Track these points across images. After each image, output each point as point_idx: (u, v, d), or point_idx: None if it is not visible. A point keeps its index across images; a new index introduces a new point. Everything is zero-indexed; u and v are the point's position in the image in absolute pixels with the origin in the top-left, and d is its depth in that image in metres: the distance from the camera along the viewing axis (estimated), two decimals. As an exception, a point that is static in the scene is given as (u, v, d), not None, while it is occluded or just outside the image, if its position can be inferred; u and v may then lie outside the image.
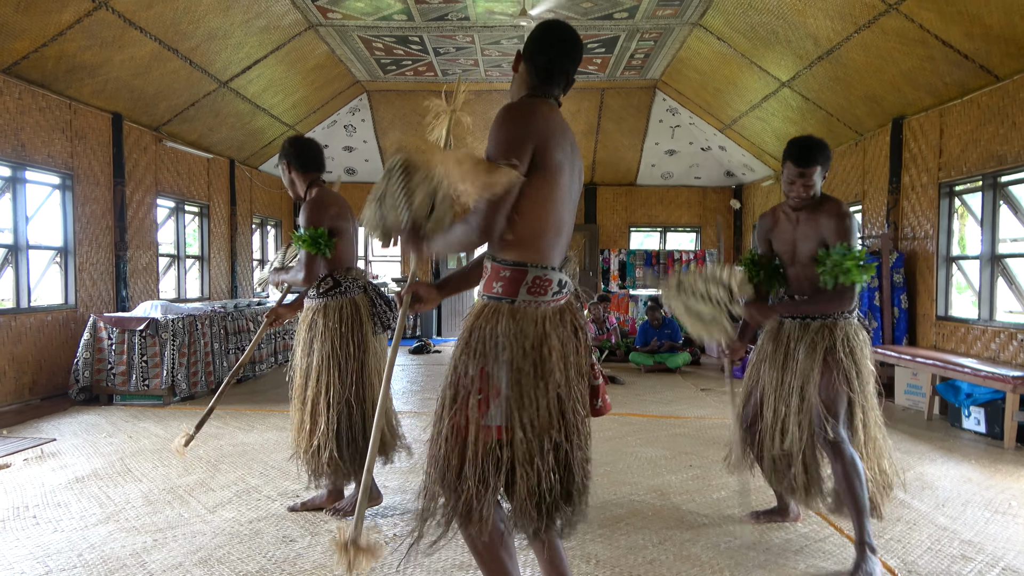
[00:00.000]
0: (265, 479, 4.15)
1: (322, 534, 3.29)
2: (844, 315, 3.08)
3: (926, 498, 3.93)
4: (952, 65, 6.18)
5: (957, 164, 6.61)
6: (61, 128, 6.80)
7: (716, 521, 3.52)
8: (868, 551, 2.91)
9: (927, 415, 6.06)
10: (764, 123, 9.80)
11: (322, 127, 11.79)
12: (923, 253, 7.14)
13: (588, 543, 3.21)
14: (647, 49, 9.23)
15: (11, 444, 4.82)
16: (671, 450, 4.90)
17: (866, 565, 2.87)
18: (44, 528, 3.36)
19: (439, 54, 9.46)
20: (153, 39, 6.74)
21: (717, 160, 12.60)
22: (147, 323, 6.29)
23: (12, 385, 6.20)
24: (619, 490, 4.00)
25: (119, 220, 7.64)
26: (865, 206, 8.37)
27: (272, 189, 12.24)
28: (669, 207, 13.40)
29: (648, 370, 8.78)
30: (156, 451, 4.76)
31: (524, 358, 2.10)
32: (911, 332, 7.30)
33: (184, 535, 3.28)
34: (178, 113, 8.39)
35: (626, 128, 11.97)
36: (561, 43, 2.27)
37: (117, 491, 3.92)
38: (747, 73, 8.62)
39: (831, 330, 3.05)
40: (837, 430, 2.97)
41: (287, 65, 8.90)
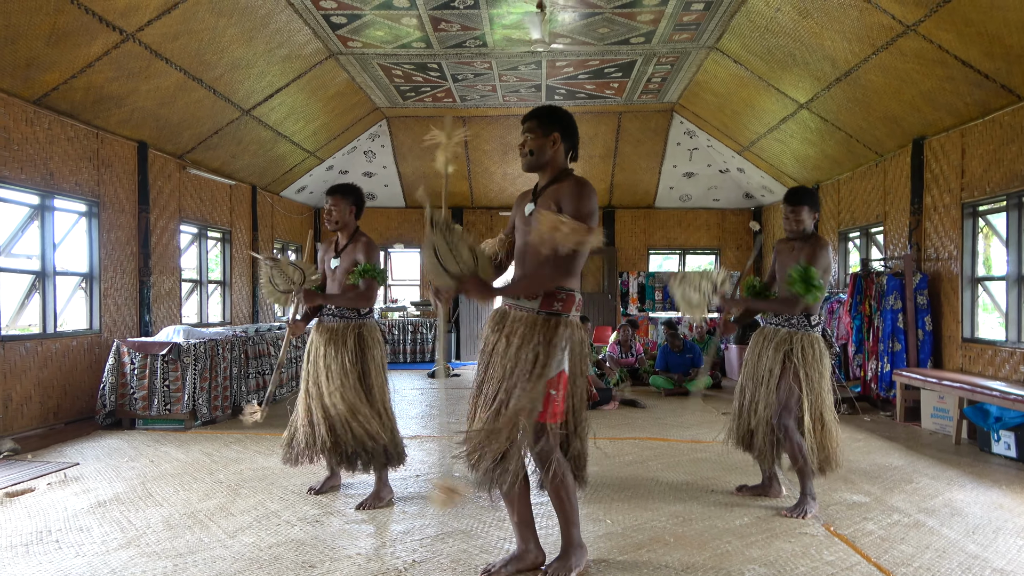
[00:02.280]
0: (285, 504, 4.15)
1: (341, 560, 3.28)
2: (806, 327, 3.97)
3: (956, 525, 3.83)
4: (972, 85, 6.14)
5: (980, 184, 6.54)
6: (88, 157, 6.95)
7: (739, 548, 3.46)
8: (809, 497, 3.99)
9: (955, 439, 5.93)
10: (783, 145, 9.78)
11: (342, 153, 11.95)
12: (947, 274, 7.05)
13: (609, 570, 3.17)
14: (664, 73, 9.28)
15: (35, 468, 4.87)
16: (693, 475, 4.84)
17: (806, 505, 3.95)
18: (66, 552, 3.38)
19: (457, 80, 9.58)
20: (178, 69, 6.89)
21: (736, 182, 12.58)
22: (169, 348, 6.36)
23: (38, 410, 6.29)
24: (640, 515, 3.95)
25: (143, 246, 7.77)
26: (887, 227, 8.29)
27: (293, 215, 12.39)
28: (688, 229, 13.38)
29: (668, 393, 8.70)
30: (177, 475, 4.78)
31: (576, 355, 3.02)
32: (936, 354, 7.18)
33: (204, 560, 3.28)
34: (202, 141, 8.55)
35: (644, 151, 12.01)
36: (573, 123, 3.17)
37: (138, 516, 3.94)
38: (765, 95, 8.63)
39: (791, 337, 3.98)
40: (784, 418, 3.97)
41: (308, 93, 9.05)
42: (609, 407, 7.62)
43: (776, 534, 3.66)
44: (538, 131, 3.07)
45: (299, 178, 11.73)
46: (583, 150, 11.97)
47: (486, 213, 13.48)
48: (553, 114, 3.08)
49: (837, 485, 4.59)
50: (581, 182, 2.98)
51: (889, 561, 3.30)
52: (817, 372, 3.92)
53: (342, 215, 4.30)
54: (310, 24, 7.41)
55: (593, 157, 12.20)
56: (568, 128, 3.09)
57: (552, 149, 3.07)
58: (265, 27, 7.04)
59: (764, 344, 4.10)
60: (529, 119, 3.10)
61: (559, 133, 3.06)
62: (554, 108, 3.11)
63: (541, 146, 3.07)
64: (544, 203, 2.99)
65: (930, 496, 4.38)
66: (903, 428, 6.59)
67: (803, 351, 3.91)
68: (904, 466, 5.13)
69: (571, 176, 3.06)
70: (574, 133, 3.12)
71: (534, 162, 3.10)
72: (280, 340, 8.17)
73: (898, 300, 7.23)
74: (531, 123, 3.09)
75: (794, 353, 3.92)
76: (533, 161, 3.09)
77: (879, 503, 4.22)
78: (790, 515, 3.93)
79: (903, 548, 3.48)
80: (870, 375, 7.57)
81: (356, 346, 4.11)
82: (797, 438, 3.97)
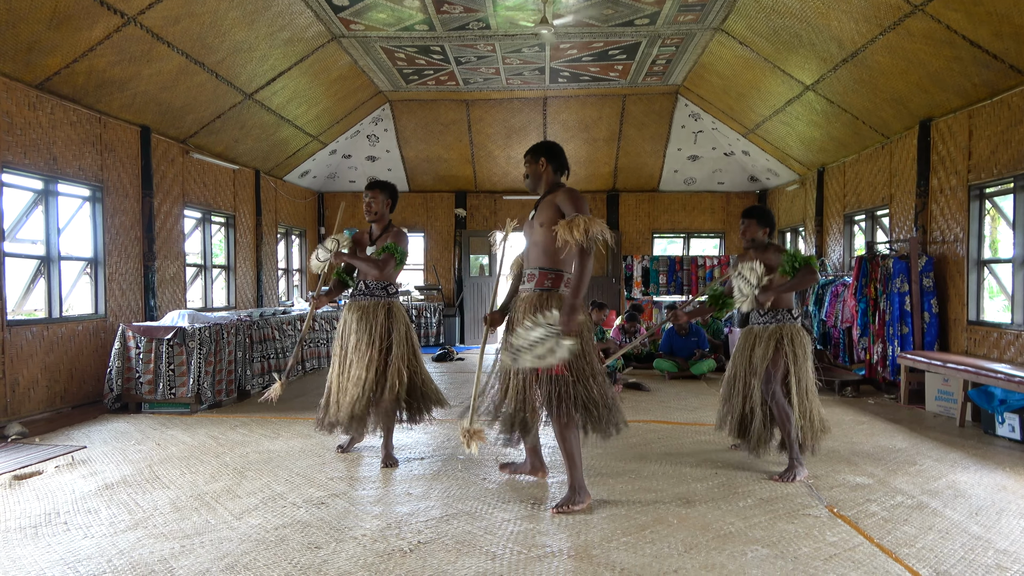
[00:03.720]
0: (290, 486, 4.18)
1: (347, 541, 3.30)
2: (791, 320, 4.50)
3: (959, 507, 3.84)
4: (981, 66, 6.07)
5: (987, 166, 6.49)
6: (91, 141, 6.95)
7: (742, 529, 3.47)
8: (797, 463, 4.35)
9: (959, 422, 5.93)
10: (788, 127, 9.72)
11: (345, 137, 11.92)
12: (953, 257, 7.01)
13: (613, 551, 3.19)
14: (669, 55, 9.21)
15: (43, 451, 4.91)
16: (696, 457, 4.85)
17: (795, 471, 4.32)
18: (75, 534, 3.41)
19: (460, 63, 9.52)
20: (180, 53, 6.86)
21: (741, 165, 12.52)
22: (174, 332, 6.38)
23: (44, 394, 6.33)
24: (644, 497, 3.97)
25: (147, 231, 7.78)
26: (892, 210, 8.24)
27: (297, 199, 12.38)
28: (692, 213, 13.33)
29: (672, 377, 8.71)
30: (184, 458, 4.82)
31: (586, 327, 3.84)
32: (942, 337, 7.16)
33: (211, 541, 3.31)
34: (204, 125, 8.53)
35: (648, 134, 11.94)
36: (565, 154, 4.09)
37: (145, 498, 3.97)
38: (770, 77, 8.56)
39: (781, 329, 4.48)
40: (772, 385, 4.44)
41: (311, 77, 9.01)
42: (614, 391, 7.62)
43: (779, 516, 3.68)
44: (531, 162, 4.03)
45: (302, 162, 11.70)
46: (587, 133, 11.93)
47: (489, 197, 13.44)
48: (539, 147, 4.04)
49: (840, 467, 4.60)
50: (571, 190, 3.84)
51: (892, 542, 3.31)
52: (803, 354, 4.45)
53: (380, 207, 4.90)
54: (312, 6, 7.37)
55: (597, 140, 12.14)
56: (551, 153, 4.00)
57: (543, 171, 4.00)
58: (267, 10, 6.99)
59: (756, 340, 4.57)
60: (525, 156, 4.07)
61: (545, 159, 3.99)
62: (540, 143, 4.05)
63: (535, 172, 4.02)
64: (543, 210, 3.87)
65: (933, 478, 4.39)
66: (907, 411, 6.60)
67: (792, 339, 4.45)
68: (908, 448, 5.14)
69: (562, 187, 3.92)
70: (559, 155, 4.01)
71: (532, 185, 4.07)
72: (285, 324, 8.19)
73: (905, 283, 7.20)
74: (527, 158, 4.06)
75: (784, 341, 4.44)
76: (531, 184, 4.07)
77: (882, 485, 4.23)
78: (780, 479, 4.29)
79: (906, 529, 3.49)
80: (875, 358, 7.56)
81: (385, 320, 4.67)
82: (783, 403, 4.42)
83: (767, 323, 4.58)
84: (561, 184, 4.00)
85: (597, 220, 3.61)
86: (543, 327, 3.66)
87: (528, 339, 3.64)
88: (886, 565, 3.05)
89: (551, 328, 3.62)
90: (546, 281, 3.85)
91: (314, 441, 5.31)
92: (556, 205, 3.80)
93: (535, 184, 4.06)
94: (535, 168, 4.03)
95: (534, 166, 4.03)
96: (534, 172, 4.04)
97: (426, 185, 13.34)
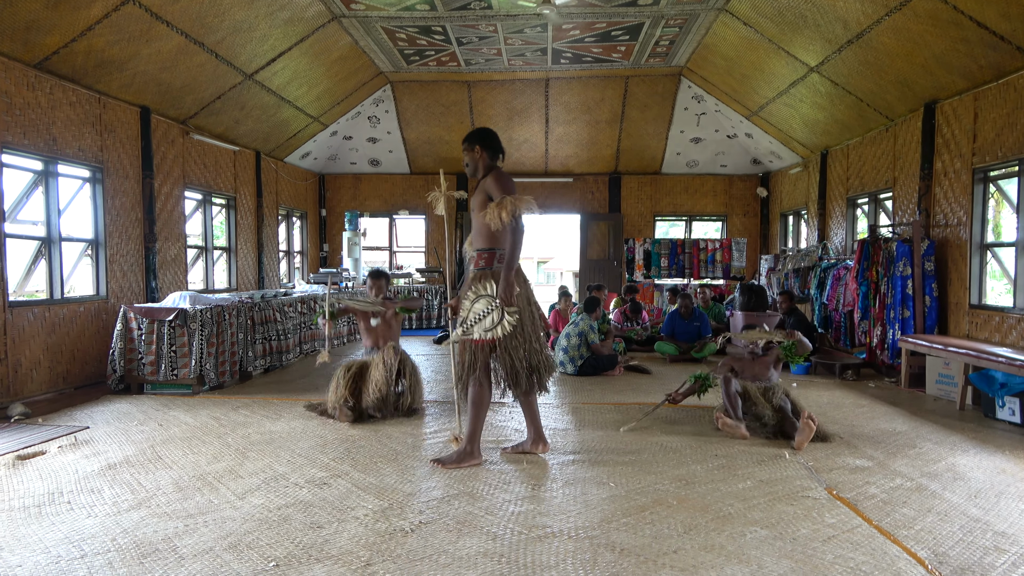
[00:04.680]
0: (292, 467, 4.20)
1: (349, 521, 3.32)
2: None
3: (958, 489, 3.86)
4: (987, 47, 6.02)
5: (992, 149, 6.45)
6: (91, 122, 6.91)
7: (741, 511, 3.49)
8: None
9: (959, 405, 5.94)
10: (792, 109, 9.65)
11: (346, 118, 11.85)
12: (956, 240, 6.99)
13: (613, 532, 3.20)
14: (672, 36, 9.13)
15: (46, 432, 4.93)
16: (696, 439, 4.87)
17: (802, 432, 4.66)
18: (78, 513, 3.43)
19: (462, 44, 9.45)
20: (179, 33, 6.81)
21: (743, 148, 12.45)
22: (176, 313, 6.39)
23: (47, 375, 6.35)
24: (643, 479, 3.98)
25: (148, 212, 7.76)
26: (896, 193, 8.21)
27: (298, 181, 12.34)
28: (694, 196, 13.28)
29: (674, 359, 8.72)
30: (186, 439, 4.84)
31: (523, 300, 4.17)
32: (942, 321, 7.16)
33: (214, 521, 3.33)
34: (204, 106, 8.48)
35: (651, 116, 11.87)
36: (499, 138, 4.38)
37: (148, 478, 3.99)
38: (774, 59, 8.48)
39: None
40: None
41: (311, 57, 8.95)
42: (614, 373, 7.66)
43: (778, 497, 3.69)
44: (468, 150, 4.32)
45: (303, 144, 11.65)
46: (589, 115, 11.86)
47: (491, 179, 13.38)
48: (474, 134, 4.34)
49: (840, 450, 4.62)
50: (498, 173, 4.17)
51: (890, 524, 3.33)
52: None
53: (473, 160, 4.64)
54: (312, -15, 7.29)
55: (599, 123, 12.07)
56: (484, 140, 4.28)
57: (479, 158, 4.29)
58: (266, -11, 6.93)
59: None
60: (463, 144, 4.34)
61: (479, 146, 4.27)
62: (474, 130, 4.34)
63: (472, 159, 4.32)
64: (476, 194, 4.20)
65: (933, 461, 4.40)
66: (908, 394, 6.61)
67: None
68: (908, 431, 5.15)
69: (492, 170, 4.23)
70: (492, 141, 4.30)
71: (471, 171, 4.34)
72: (286, 306, 8.19)
73: (907, 266, 7.18)
74: (464, 146, 4.34)
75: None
76: (470, 171, 4.35)
77: (882, 467, 4.25)
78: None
79: (905, 511, 3.50)
80: (876, 342, 7.56)
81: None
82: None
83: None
84: (492, 167, 4.26)
85: (523, 198, 3.98)
86: (484, 300, 4.04)
87: (475, 313, 4.05)
88: (885, 547, 3.07)
89: (492, 301, 4.01)
90: (481, 261, 4.18)
91: (315, 423, 5.33)
92: (486, 189, 4.13)
93: (474, 170, 4.33)
94: (472, 155, 4.30)
95: (471, 154, 4.30)
96: (472, 159, 4.31)
97: (427, 167, 13.29)
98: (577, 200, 13.43)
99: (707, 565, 2.88)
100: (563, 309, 9.30)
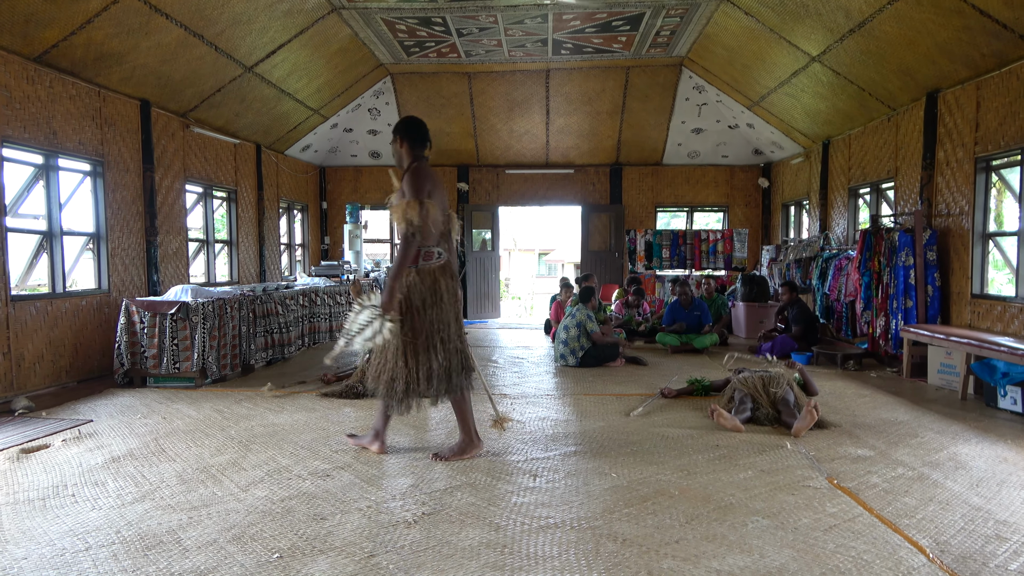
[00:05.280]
0: (295, 459, 4.21)
1: (352, 512, 3.34)
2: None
3: (960, 478, 3.87)
4: (990, 36, 5.98)
5: (995, 138, 6.43)
6: (91, 115, 6.90)
7: (742, 501, 3.50)
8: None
9: (961, 395, 5.95)
10: (794, 99, 9.62)
11: (346, 111, 11.83)
12: (958, 230, 6.98)
13: (615, 522, 3.21)
14: (673, 26, 9.09)
15: (50, 425, 4.96)
16: (697, 430, 4.88)
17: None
18: (83, 506, 3.45)
19: (462, 35, 9.41)
20: (179, 25, 6.79)
21: (745, 138, 12.41)
22: (178, 307, 6.39)
23: (50, 368, 6.36)
24: (645, 470, 3.99)
25: (149, 206, 7.76)
26: (898, 183, 8.19)
27: (298, 174, 12.33)
28: (696, 186, 13.25)
29: (675, 351, 8.73)
30: (189, 432, 4.85)
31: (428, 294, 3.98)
32: (944, 311, 7.15)
33: (218, 512, 3.35)
34: (205, 99, 8.47)
35: (652, 107, 11.83)
36: (425, 128, 4.16)
37: (152, 470, 4.01)
38: (776, 48, 8.45)
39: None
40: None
41: (311, 49, 8.92)
42: (616, 363, 7.66)
43: (779, 487, 3.70)
44: (394, 141, 4.14)
45: (303, 136, 11.63)
46: (590, 106, 11.82)
47: (492, 171, 13.37)
48: (396, 125, 4.16)
49: (842, 439, 4.63)
50: (415, 171, 3.98)
51: (892, 513, 3.33)
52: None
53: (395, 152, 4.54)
54: (311, -23, 7.26)
55: (600, 114, 12.03)
56: (406, 131, 4.09)
57: (402, 149, 4.10)
58: (265, -20, 6.90)
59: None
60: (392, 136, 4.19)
61: (400, 136, 4.09)
62: (400, 119, 4.17)
63: (396, 150, 4.14)
64: (399, 191, 4.02)
65: (935, 450, 4.41)
66: (909, 384, 6.61)
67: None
68: (909, 421, 5.16)
69: (410, 166, 4.05)
70: (413, 131, 4.08)
71: (397, 163, 4.17)
72: (288, 299, 8.20)
73: (909, 256, 7.17)
74: (392, 139, 4.16)
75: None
76: (396, 163, 4.18)
77: (883, 457, 4.25)
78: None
79: (906, 500, 3.51)
80: (878, 332, 7.56)
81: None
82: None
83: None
84: (411, 164, 4.06)
85: (414, 204, 3.81)
86: (368, 309, 3.88)
87: (357, 323, 3.89)
88: (886, 535, 3.07)
89: (375, 310, 3.83)
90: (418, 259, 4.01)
91: (318, 415, 5.35)
92: (403, 185, 3.96)
93: (399, 163, 4.14)
94: (395, 147, 4.12)
95: (394, 145, 4.13)
96: (395, 151, 4.13)
97: (428, 159, 13.23)
98: (578, 191, 13.41)
99: (709, 555, 2.89)
100: (564, 300, 9.30)
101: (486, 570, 2.75)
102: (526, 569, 2.76)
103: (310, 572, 2.73)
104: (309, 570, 2.75)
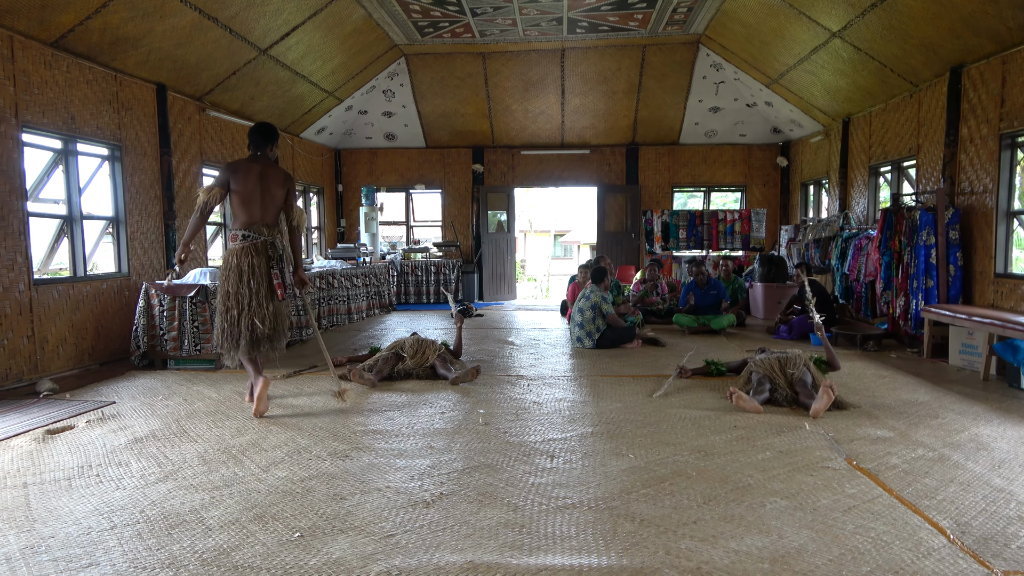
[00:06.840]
0: (315, 439, 4.25)
1: (371, 492, 3.37)
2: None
3: (981, 459, 3.83)
4: (1016, 7, 5.83)
5: (1020, 114, 6.29)
6: (108, 100, 6.93)
7: (761, 482, 3.49)
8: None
9: (983, 375, 5.88)
10: (814, 76, 9.46)
11: (361, 93, 11.80)
12: (981, 208, 6.86)
13: (632, 503, 3.22)
14: (690, 2, 8.95)
15: (74, 407, 5.04)
16: (715, 411, 4.87)
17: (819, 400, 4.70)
18: (107, 486, 3.51)
19: (476, 14, 9.33)
20: (193, 8, 6.78)
21: (763, 116, 12.25)
22: (197, 290, 6.45)
23: (72, 351, 6.46)
24: (663, 450, 3.99)
25: (167, 189, 7.81)
26: (920, 160, 8.05)
27: (314, 156, 12.34)
28: (713, 166, 13.12)
29: (692, 331, 8.69)
30: (210, 413, 4.91)
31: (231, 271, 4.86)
32: (966, 291, 7.05)
33: (240, 492, 3.39)
34: (220, 82, 8.48)
35: (668, 85, 11.69)
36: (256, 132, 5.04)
37: (174, 451, 4.07)
38: (795, 24, 8.30)
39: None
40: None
41: (325, 31, 8.89)
42: (632, 345, 7.65)
43: (798, 468, 3.69)
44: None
45: (319, 119, 11.62)
46: (606, 86, 11.72)
47: (507, 152, 13.31)
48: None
49: (861, 420, 4.60)
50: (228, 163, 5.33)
51: (912, 494, 3.31)
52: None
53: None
54: (324, -43, 7.21)
55: (616, 93, 11.91)
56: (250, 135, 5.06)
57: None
58: (279, -38, 6.86)
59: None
60: None
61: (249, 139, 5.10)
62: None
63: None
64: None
65: (956, 431, 4.37)
66: (930, 364, 6.55)
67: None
68: (930, 402, 5.11)
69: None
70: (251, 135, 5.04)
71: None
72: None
73: (931, 235, 7.07)
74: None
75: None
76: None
77: (903, 438, 4.22)
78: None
79: (926, 481, 3.49)
80: (898, 312, 7.48)
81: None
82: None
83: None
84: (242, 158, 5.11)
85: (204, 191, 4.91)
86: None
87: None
88: (906, 516, 3.06)
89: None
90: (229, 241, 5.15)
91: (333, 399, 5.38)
92: None
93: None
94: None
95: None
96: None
97: (443, 141, 13.23)
98: (594, 172, 13.32)
99: (727, 535, 2.89)
100: (583, 282, 9.27)
101: (504, 549, 2.77)
102: (544, 549, 2.78)
103: (330, 551, 2.76)
104: (329, 549, 2.78)
